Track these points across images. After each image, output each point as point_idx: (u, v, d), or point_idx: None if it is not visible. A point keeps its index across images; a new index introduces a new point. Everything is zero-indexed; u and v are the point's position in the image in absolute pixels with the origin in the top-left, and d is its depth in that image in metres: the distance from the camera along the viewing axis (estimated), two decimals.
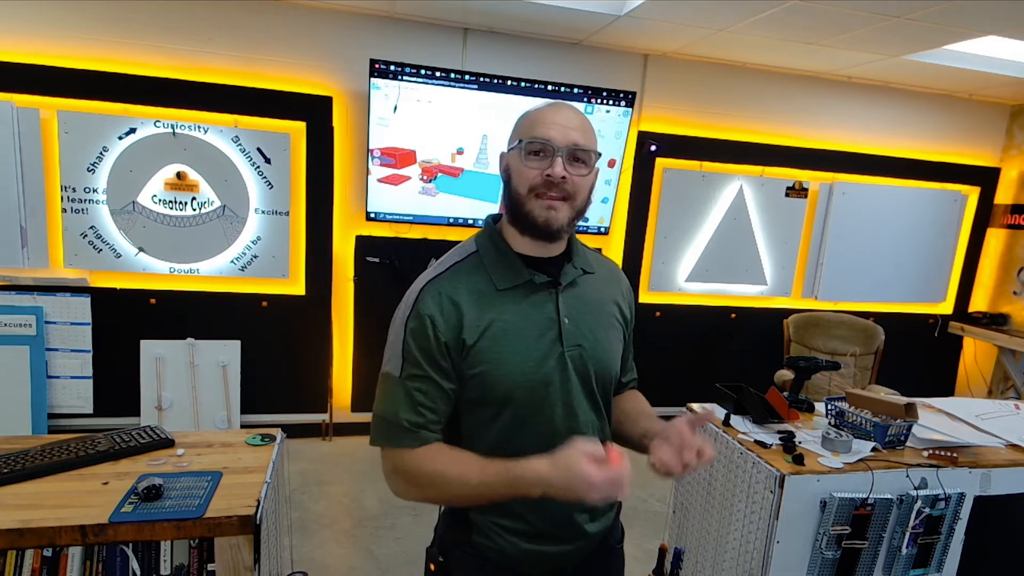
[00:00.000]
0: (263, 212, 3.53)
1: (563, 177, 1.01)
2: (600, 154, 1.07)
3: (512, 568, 1.12)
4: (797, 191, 4.33)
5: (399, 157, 3.59)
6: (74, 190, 3.25)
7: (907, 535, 1.68)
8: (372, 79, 3.38)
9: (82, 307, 3.36)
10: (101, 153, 3.25)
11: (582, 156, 1.03)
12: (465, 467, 1.01)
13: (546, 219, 1.03)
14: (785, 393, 2.05)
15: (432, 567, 1.17)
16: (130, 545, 1.25)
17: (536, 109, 1.07)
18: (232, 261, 3.53)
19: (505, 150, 1.10)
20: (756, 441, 1.79)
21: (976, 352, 4.92)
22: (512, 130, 1.10)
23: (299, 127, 3.52)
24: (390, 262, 3.75)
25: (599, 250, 3.37)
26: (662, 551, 2.17)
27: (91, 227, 3.30)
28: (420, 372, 1.03)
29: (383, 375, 1.07)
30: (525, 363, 1.04)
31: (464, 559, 1.14)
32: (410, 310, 1.05)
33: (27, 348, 3.27)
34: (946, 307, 4.87)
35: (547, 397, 1.06)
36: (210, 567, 1.28)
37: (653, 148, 4.04)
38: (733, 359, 4.43)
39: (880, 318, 4.37)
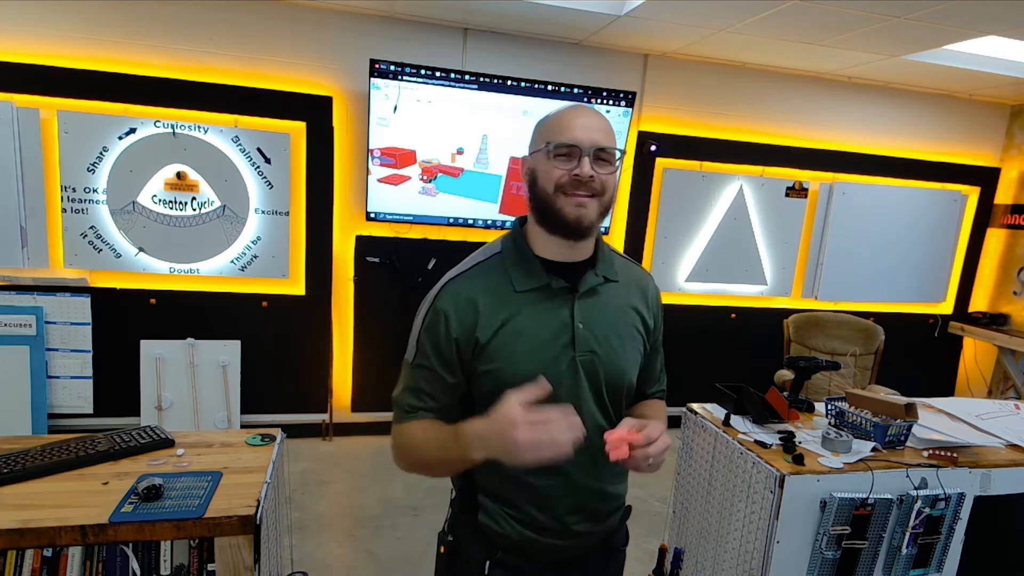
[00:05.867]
0: (263, 212, 3.52)
1: (591, 176, 1.04)
2: (623, 151, 1.11)
3: (515, 552, 1.15)
4: (797, 191, 4.33)
5: (399, 157, 3.59)
6: (74, 190, 3.25)
7: (907, 535, 1.68)
8: (372, 79, 3.38)
9: (82, 307, 3.36)
10: (101, 153, 3.25)
11: (607, 156, 1.06)
12: (429, 433, 1.09)
13: (577, 216, 1.06)
14: (785, 393, 2.05)
15: (442, 549, 1.22)
16: (130, 545, 1.24)
17: (559, 113, 1.10)
18: (232, 261, 3.53)
19: (527, 154, 1.14)
20: (756, 441, 1.79)
21: (976, 352, 4.92)
22: (533, 135, 1.13)
23: (299, 127, 3.52)
24: (390, 262, 3.75)
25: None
26: (662, 551, 2.17)
27: (91, 227, 3.30)
28: (427, 363, 1.11)
29: (403, 359, 1.16)
30: (535, 364, 1.07)
31: (472, 540, 1.18)
32: (429, 304, 1.12)
33: (27, 348, 3.27)
34: (946, 307, 4.87)
35: (556, 398, 1.07)
36: (210, 567, 1.28)
37: (653, 148, 4.04)
38: (733, 359, 4.43)
39: (880, 318, 4.37)
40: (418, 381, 1.11)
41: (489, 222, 3.83)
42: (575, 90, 3.68)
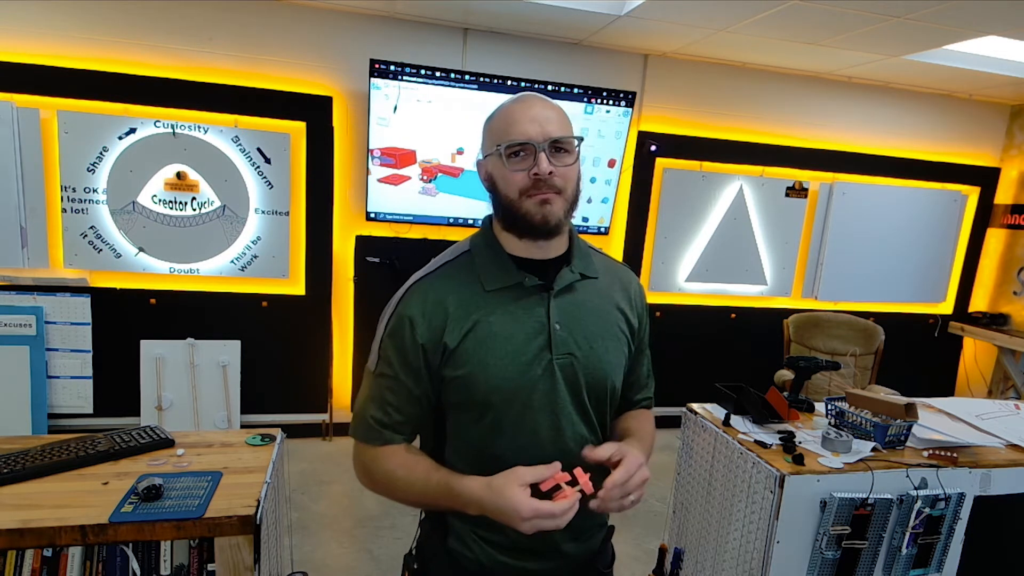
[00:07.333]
0: (263, 212, 3.52)
1: (550, 172, 0.97)
2: (582, 139, 1.03)
3: None
4: (797, 191, 4.33)
5: (399, 157, 3.59)
6: (74, 190, 3.25)
7: (907, 535, 1.68)
8: (372, 79, 3.38)
9: (82, 307, 3.36)
10: (101, 153, 3.25)
11: (564, 146, 0.99)
12: (413, 473, 1.03)
13: (543, 215, 0.98)
14: (785, 393, 2.05)
15: (407, 575, 1.15)
16: (130, 545, 1.24)
17: (504, 108, 1.02)
18: (232, 261, 3.53)
19: (480, 157, 1.06)
20: (756, 441, 1.79)
21: (976, 352, 4.92)
22: (483, 135, 1.05)
23: (299, 127, 3.52)
24: (390, 262, 3.75)
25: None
26: (662, 551, 2.17)
27: (91, 227, 3.30)
28: (391, 372, 1.03)
29: (365, 368, 1.09)
30: (509, 368, 1.00)
31: (440, 567, 1.11)
32: (393, 309, 1.05)
33: (27, 348, 3.27)
34: (946, 307, 4.87)
35: (531, 404, 1.02)
36: (210, 567, 1.28)
37: (653, 148, 4.04)
38: (733, 359, 4.42)
39: (880, 318, 4.37)
40: (382, 391, 1.04)
41: None
42: (575, 90, 3.68)
